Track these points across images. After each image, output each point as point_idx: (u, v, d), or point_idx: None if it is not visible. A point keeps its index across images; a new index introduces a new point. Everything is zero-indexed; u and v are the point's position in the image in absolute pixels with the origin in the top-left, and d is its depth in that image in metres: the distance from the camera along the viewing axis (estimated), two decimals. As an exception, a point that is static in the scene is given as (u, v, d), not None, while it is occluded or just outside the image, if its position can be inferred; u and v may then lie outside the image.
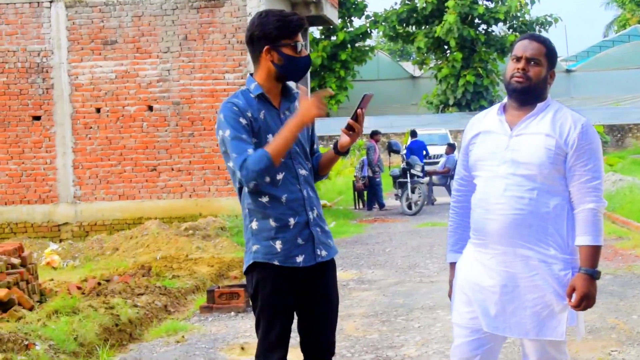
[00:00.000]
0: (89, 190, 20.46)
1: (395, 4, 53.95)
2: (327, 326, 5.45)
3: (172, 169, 20.32)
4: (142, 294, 11.74)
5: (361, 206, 26.94)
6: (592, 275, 4.91)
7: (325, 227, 5.45)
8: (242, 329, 10.25)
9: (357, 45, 50.53)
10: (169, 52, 20.20)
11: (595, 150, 5.02)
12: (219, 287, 11.64)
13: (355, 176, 27.30)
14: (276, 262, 5.22)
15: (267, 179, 5.07)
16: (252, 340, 9.62)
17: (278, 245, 5.21)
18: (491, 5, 51.58)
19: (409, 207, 24.58)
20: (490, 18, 51.32)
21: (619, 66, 58.34)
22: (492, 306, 5.08)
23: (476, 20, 51.69)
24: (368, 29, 51.32)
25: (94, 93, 20.34)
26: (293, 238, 5.24)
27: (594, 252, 4.94)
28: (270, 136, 5.18)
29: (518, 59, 5.08)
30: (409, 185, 24.72)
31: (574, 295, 4.90)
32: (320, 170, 5.56)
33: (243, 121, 5.13)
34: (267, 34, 5.20)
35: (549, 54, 5.11)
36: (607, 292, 11.46)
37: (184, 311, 11.69)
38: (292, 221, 5.24)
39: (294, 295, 5.32)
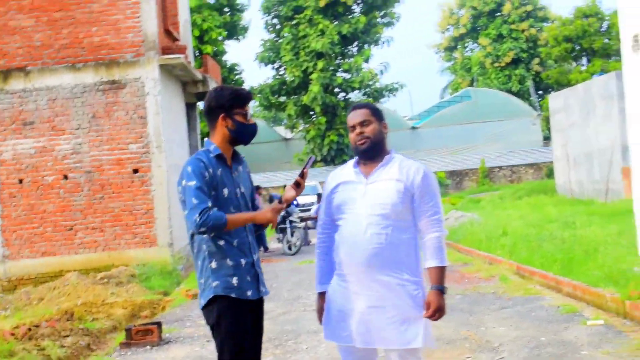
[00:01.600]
0: (15, 250, 20.11)
1: (268, 78, 54.28)
2: (257, 353, 5.56)
3: (87, 228, 20.11)
4: (67, 336, 11.60)
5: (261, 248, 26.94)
6: (442, 290, 5.22)
7: (261, 269, 5.63)
8: (157, 360, 10.21)
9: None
10: (80, 128, 20.07)
11: (435, 190, 5.34)
12: (134, 326, 11.56)
13: (243, 225, 27.28)
14: (233, 295, 5.37)
15: (211, 235, 5.25)
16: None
17: (234, 280, 5.37)
18: (348, 76, 52.16)
19: (290, 248, 24.70)
20: (347, 87, 51.89)
21: (454, 122, 59.46)
22: (362, 325, 5.25)
23: (336, 89, 52.20)
24: (246, 101, 51.53)
25: (16, 167, 20.06)
26: (244, 275, 5.42)
27: (441, 272, 5.25)
28: (225, 190, 5.39)
29: (353, 128, 5.37)
30: (289, 230, 24.86)
31: (430, 309, 5.16)
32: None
33: (206, 175, 5.31)
34: (223, 104, 5.44)
35: (374, 113, 5.40)
36: (459, 309, 11.68)
37: (104, 348, 11.56)
38: (243, 261, 5.42)
39: (249, 320, 5.45)
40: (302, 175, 5.46)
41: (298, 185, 5.48)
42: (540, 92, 70.46)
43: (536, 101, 65.73)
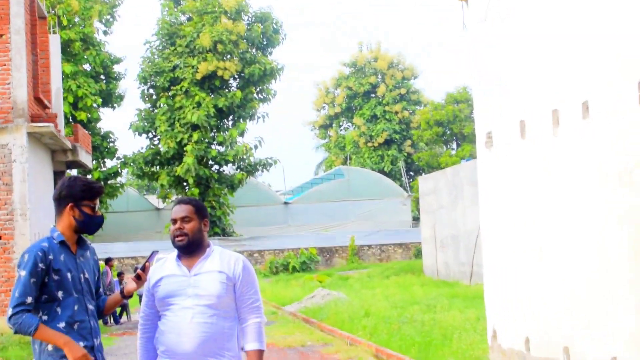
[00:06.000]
0: None
1: (142, 147, 54.01)
2: None
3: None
4: None
5: (112, 321, 26.51)
6: None
7: (103, 355, 5.71)
8: None
9: (109, 182, 50.14)
10: (-58, 193, 19.67)
11: (254, 278, 5.70)
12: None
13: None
14: None
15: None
16: None
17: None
18: (222, 149, 52.28)
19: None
20: (221, 160, 51.96)
21: (327, 199, 60.08)
22: None
23: (210, 162, 52.25)
24: (119, 169, 51.01)
25: None
26: None
27: (260, 355, 5.61)
28: (68, 274, 5.49)
29: (175, 221, 5.62)
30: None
31: None
32: (105, 310, 5.88)
33: (41, 266, 5.38)
34: (73, 194, 5.55)
35: (197, 210, 5.67)
36: (314, 391, 11.77)
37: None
38: (81, 344, 5.46)
39: None
40: (144, 268, 5.63)
41: (139, 278, 5.64)
42: (412, 173, 71.96)
43: (407, 182, 66.99)
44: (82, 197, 5.59)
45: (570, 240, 7.98)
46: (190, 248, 5.61)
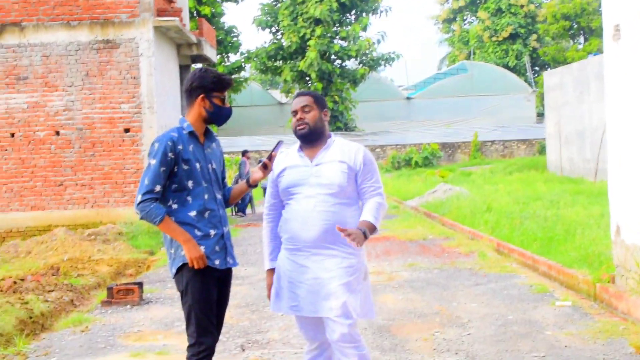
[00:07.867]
0: (4, 202, 20.32)
1: (265, 42, 54.22)
2: (220, 321, 5.86)
3: (77, 184, 20.32)
4: (52, 291, 11.78)
5: (237, 213, 27.07)
6: (365, 232, 5.47)
7: (231, 242, 5.89)
8: (136, 320, 10.35)
9: (233, 77, 50.69)
10: (73, 86, 20.22)
11: (375, 167, 5.75)
12: (116, 285, 11.73)
13: (232, 189, 27.48)
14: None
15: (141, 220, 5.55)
16: (145, 329, 9.79)
17: (202, 249, 5.61)
18: (345, 44, 52.12)
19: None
20: (344, 55, 51.86)
21: (450, 94, 59.49)
22: (310, 295, 5.60)
23: (333, 57, 52.17)
24: (242, 64, 51.39)
25: (8, 121, 20.23)
26: (213, 245, 5.67)
27: (372, 226, 5.55)
28: (197, 165, 5.65)
29: (295, 113, 5.69)
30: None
31: (351, 234, 5.41)
32: (231, 199, 6.02)
33: (171, 155, 5.56)
34: (204, 85, 5.67)
35: (317, 100, 5.73)
36: (434, 284, 11.83)
37: (87, 305, 11.73)
38: (212, 232, 5.68)
39: (215, 289, 5.72)
40: (270, 158, 5.73)
41: (265, 167, 5.76)
42: (537, 68, 70.50)
43: (532, 77, 65.74)
44: (212, 88, 5.69)
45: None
46: (311, 137, 5.68)
